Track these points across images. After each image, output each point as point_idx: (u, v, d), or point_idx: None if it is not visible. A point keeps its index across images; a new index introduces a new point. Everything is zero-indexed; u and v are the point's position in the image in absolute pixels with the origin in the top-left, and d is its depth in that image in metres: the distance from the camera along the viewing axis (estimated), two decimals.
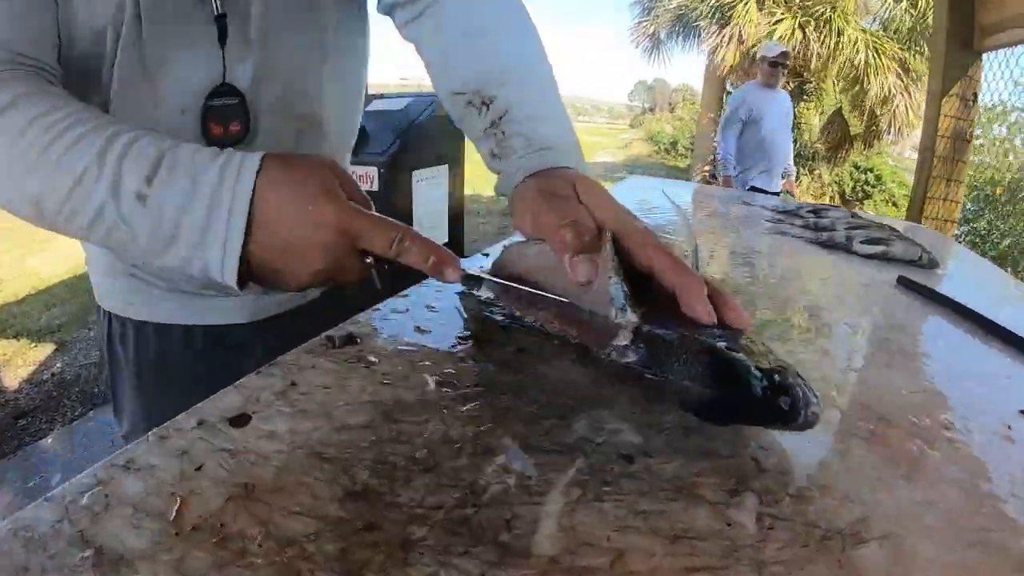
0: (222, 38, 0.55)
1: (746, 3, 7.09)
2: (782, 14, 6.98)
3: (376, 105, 3.22)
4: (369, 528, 0.27)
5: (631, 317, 0.38)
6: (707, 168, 9.04)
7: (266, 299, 0.68)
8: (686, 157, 13.55)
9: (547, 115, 0.55)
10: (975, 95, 1.89)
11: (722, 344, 0.35)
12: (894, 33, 7.27)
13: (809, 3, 6.91)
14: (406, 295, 0.55)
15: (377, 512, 0.28)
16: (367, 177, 2.71)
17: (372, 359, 0.42)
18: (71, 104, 0.44)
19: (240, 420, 0.33)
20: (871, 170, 9.66)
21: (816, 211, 1.25)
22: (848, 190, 9.82)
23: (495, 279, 0.49)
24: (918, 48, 6.82)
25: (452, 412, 0.36)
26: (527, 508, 0.29)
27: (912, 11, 6.77)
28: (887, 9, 7.25)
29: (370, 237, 0.43)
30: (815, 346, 0.56)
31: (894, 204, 9.15)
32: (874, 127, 7.54)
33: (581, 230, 0.42)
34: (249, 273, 0.43)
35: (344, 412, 0.35)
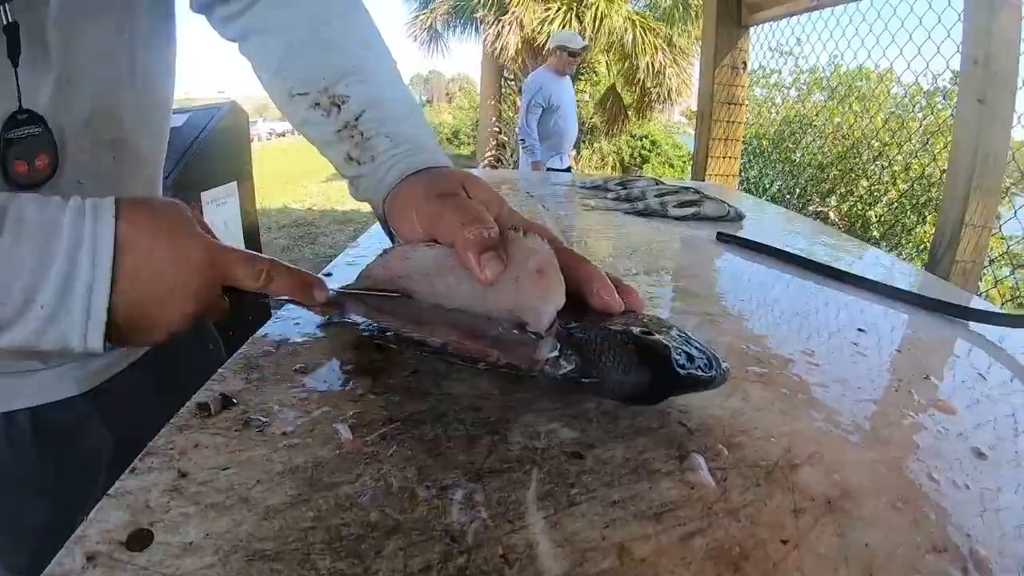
0: (13, 53, 0.44)
1: None
2: (558, 4, 7.42)
3: None
4: None
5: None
6: (491, 153, 9.38)
7: (95, 362, 0.56)
8: (469, 145, 13.91)
9: (406, 113, 0.52)
10: (744, 63, 2.14)
11: (636, 330, 0.36)
12: (657, 12, 8.12)
13: None
14: (264, 335, 0.49)
15: None
16: None
17: (262, 419, 0.36)
18: None
19: (140, 539, 0.26)
20: (646, 136, 10.71)
21: (623, 183, 1.33)
22: (627, 157, 10.79)
23: (379, 292, 0.46)
24: (683, 26, 7.71)
25: (384, 459, 0.33)
26: (515, 536, 0.27)
27: None
28: None
29: (238, 273, 0.41)
30: (677, 307, 0.62)
31: (671, 165, 10.24)
32: (646, 98, 8.35)
33: (488, 228, 0.40)
34: (113, 332, 0.38)
35: (262, 493, 0.29)
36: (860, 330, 0.58)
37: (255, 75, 0.57)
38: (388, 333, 0.43)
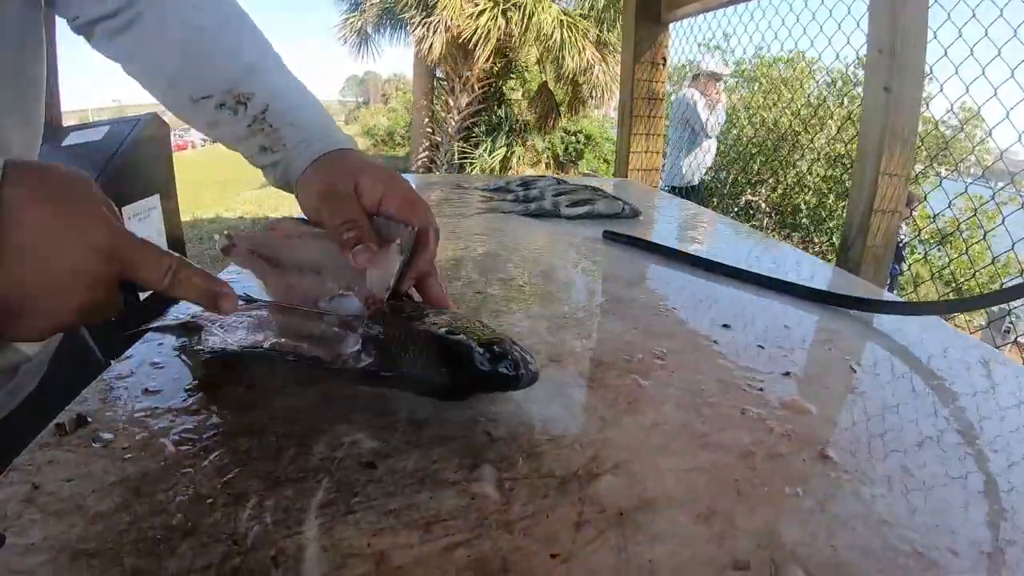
0: None
1: None
2: (485, 3, 7.42)
3: (72, 139, 2.76)
4: None
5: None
6: (425, 154, 9.35)
7: None
8: (404, 146, 13.84)
9: (304, 102, 0.56)
10: (664, 59, 2.20)
11: (442, 331, 0.41)
12: (590, 11, 8.24)
13: None
14: (129, 356, 0.52)
15: None
16: None
17: (107, 436, 0.40)
18: None
19: None
20: (579, 131, 10.87)
21: (525, 183, 1.36)
22: (561, 153, 10.91)
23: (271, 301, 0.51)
24: (612, 24, 7.85)
25: (197, 469, 0.37)
26: (289, 540, 0.31)
27: None
28: None
29: (141, 267, 0.38)
30: (534, 311, 0.63)
31: (606, 160, 10.42)
32: (578, 95, 8.49)
33: (357, 229, 0.46)
34: None
35: (94, 501, 0.34)
36: (725, 326, 0.57)
37: (147, 89, 0.58)
38: (229, 350, 0.47)
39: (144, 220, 2.98)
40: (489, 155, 8.90)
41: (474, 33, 7.40)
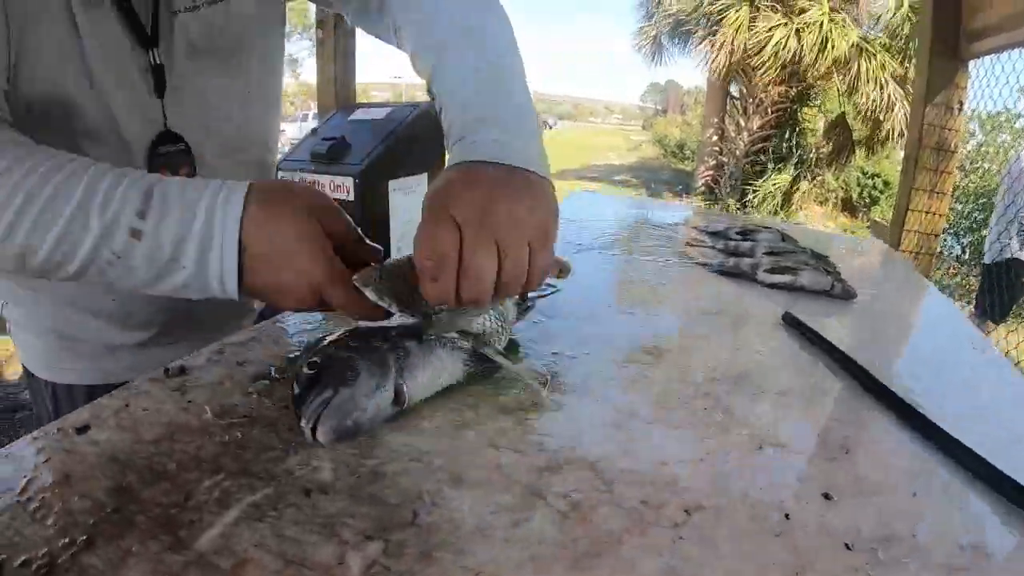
0: (159, 88, 0.60)
1: (737, 10, 7.08)
2: (778, 20, 6.95)
3: (358, 114, 3.28)
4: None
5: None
6: (708, 173, 9.03)
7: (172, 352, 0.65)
8: (692, 161, 13.54)
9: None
10: (961, 104, 1.87)
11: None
12: (892, 39, 7.24)
13: (806, 7, 6.87)
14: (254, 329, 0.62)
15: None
16: (343, 188, 2.76)
17: (188, 386, 0.50)
18: (40, 152, 0.45)
19: (83, 429, 0.43)
20: (878, 175, 9.59)
21: (744, 232, 1.19)
22: (855, 196, 9.76)
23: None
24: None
25: (214, 436, 0.43)
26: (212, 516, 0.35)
27: (912, 17, 6.73)
28: (885, 12, 7.20)
29: (331, 296, 0.47)
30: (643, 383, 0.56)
31: None
32: (877, 134, 7.50)
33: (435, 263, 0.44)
34: (246, 288, 0.46)
35: (146, 429, 0.43)
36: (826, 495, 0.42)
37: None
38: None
39: (408, 195, 3.37)
40: (774, 184, 8.34)
41: (759, 51, 6.94)
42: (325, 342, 0.48)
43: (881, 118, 7.20)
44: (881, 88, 6.80)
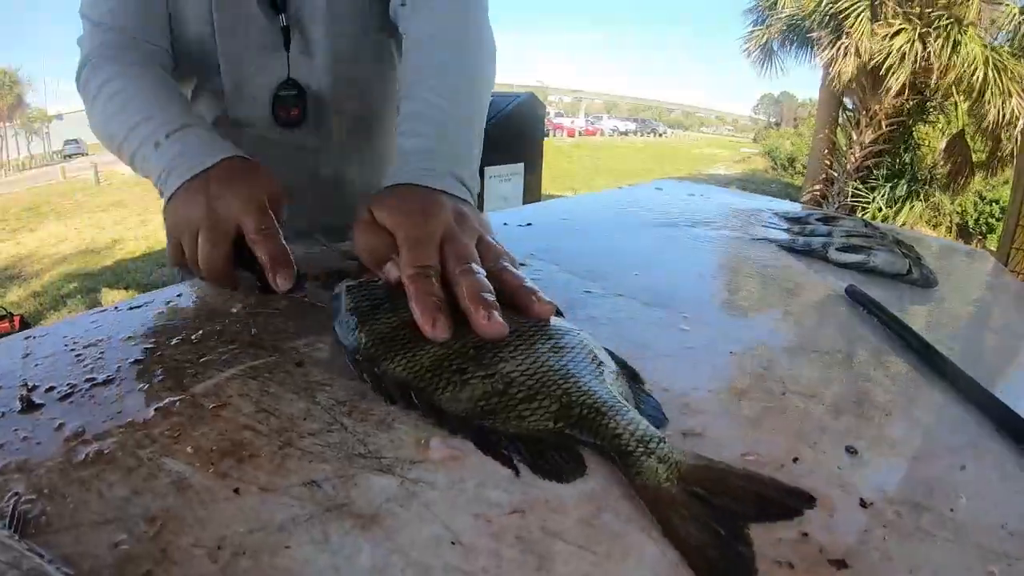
0: (287, 44, 0.77)
1: (859, 13, 6.64)
2: (900, 24, 6.49)
3: None
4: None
5: None
6: (817, 188, 8.59)
7: None
8: (803, 175, 12.94)
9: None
10: None
11: None
12: (1020, 50, 6.58)
13: (930, 11, 6.36)
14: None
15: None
16: None
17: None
18: (151, 86, 0.66)
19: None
20: (996, 201, 8.79)
21: (826, 219, 1.12)
22: (971, 222, 9.02)
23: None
24: None
25: (242, 320, 0.48)
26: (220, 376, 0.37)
27: None
28: (1011, 20, 6.54)
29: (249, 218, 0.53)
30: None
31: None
32: (998, 153, 6.84)
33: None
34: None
35: (187, 311, 0.50)
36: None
37: None
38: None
39: (505, 182, 3.42)
40: (885, 203, 7.83)
41: (887, 57, 6.49)
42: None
43: (1002, 136, 6.56)
44: (1004, 101, 6.19)
